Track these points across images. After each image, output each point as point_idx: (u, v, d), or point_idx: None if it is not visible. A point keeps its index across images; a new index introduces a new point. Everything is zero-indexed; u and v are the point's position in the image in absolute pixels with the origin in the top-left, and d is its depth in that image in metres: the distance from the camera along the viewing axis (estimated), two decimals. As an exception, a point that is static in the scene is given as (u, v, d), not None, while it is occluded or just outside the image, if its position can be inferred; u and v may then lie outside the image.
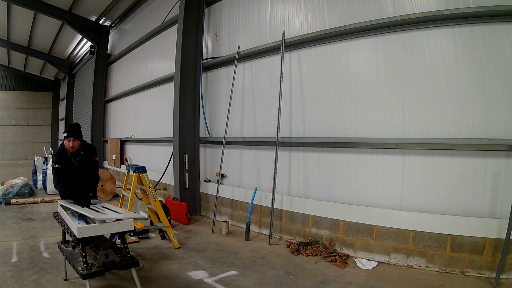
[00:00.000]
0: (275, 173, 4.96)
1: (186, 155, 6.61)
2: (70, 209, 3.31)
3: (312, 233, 4.72)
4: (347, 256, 4.26)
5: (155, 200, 4.75)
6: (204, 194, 6.70)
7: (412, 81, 4.00)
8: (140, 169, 4.83)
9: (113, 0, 10.02)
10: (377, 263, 4.03)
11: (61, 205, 3.42)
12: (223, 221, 5.45)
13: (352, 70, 4.49)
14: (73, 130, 3.60)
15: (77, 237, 2.73)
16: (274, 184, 4.95)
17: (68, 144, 3.57)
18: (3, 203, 7.25)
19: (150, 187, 4.79)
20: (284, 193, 5.11)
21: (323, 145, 4.75)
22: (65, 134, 3.57)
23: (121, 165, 10.75)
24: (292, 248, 4.51)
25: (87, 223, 3.00)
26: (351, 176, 4.47)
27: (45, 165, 8.85)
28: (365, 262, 4.06)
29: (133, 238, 4.88)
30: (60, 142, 20.14)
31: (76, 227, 2.75)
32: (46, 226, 5.56)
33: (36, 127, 21.74)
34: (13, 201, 7.30)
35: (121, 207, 5.06)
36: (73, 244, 3.28)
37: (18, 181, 8.24)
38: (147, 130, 9.21)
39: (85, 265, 2.78)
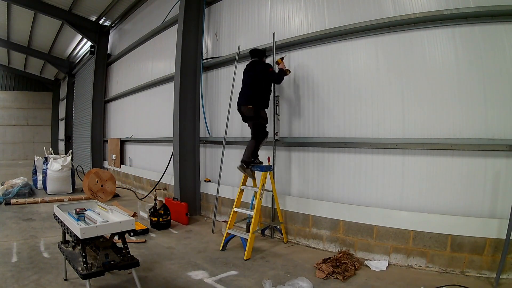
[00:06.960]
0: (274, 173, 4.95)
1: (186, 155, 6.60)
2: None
3: (312, 233, 4.73)
4: (347, 256, 4.25)
5: (260, 199, 4.52)
6: (204, 194, 6.70)
7: (412, 81, 4.00)
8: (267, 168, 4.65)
9: (113, 0, 10.02)
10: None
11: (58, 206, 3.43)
12: (223, 221, 5.44)
13: (352, 70, 4.48)
14: None
15: (80, 238, 2.72)
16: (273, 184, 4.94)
17: None
18: (3, 203, 7.25)
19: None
20: (285, 193, 5.11)
21: (323, 145, 4.75)
22: None
23: (121, 165, 10.75)
24: (292, 248, 4.51)
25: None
26: (351, 176, 4.47)
27: (45, 165, 8.81)
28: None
29: (137, 238, 4.88)
30: (59, 142, 20.21)
31: (79, 228, 2.74)
32: (46, 226, 5.56)
33: (36, 127, 21.74)
34: (13, 201, 7.29)
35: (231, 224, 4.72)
36: (73, 244, 3.28)
37: (18, 181, 8.24)
38: (147, 130, 9.20)
39: (85, 265, 2.78)
